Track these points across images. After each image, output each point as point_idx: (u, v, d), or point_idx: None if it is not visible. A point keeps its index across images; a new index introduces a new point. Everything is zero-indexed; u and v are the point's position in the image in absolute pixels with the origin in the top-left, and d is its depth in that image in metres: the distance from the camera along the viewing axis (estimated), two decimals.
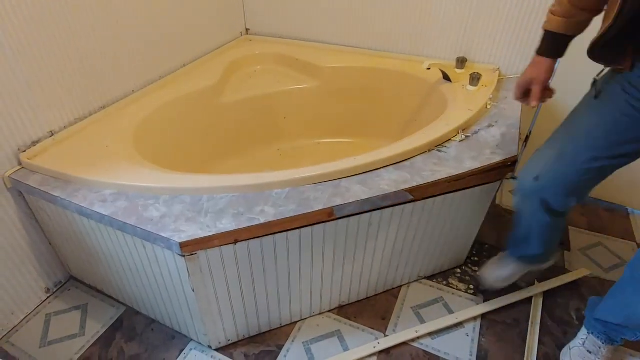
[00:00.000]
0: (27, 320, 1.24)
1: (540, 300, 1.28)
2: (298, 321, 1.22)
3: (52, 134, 1.17)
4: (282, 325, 1.21)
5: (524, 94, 0.96)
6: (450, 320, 1.21)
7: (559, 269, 1.37)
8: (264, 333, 1.19)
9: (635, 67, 0.82)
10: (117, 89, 1.34)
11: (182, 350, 1.15)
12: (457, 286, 1.32)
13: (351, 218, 1.00)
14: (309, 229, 0.97)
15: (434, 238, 1.21)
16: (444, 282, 1.34)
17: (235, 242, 0.91)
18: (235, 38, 1.84)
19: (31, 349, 1.17)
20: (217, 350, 1.15)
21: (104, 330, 1.21)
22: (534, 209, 0.98)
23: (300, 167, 1.03)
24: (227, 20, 1.77)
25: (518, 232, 1.10)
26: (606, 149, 0.84)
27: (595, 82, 0.90)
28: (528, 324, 1.21)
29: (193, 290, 0.96)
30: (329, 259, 1.08)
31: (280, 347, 1.16)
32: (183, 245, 0.87)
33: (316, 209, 0.94)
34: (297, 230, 0.96)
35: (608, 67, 0.87)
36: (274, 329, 1.20)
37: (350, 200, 0.96)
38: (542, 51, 0.91)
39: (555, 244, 1.17)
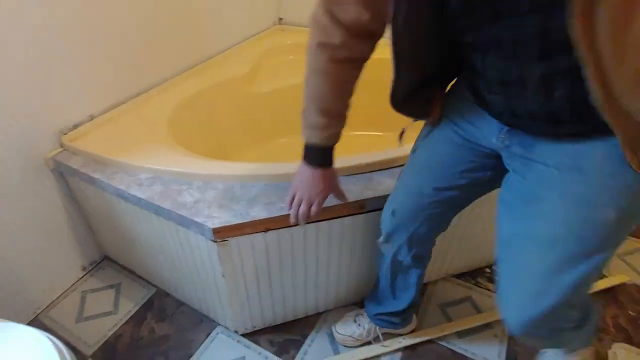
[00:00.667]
0: (64, 296, 1.29)
1: None
2: (323, 312, 1.23)
3: (92, 118, 1.21)
4: (308, 314, 1.22)
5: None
6: (478, 320, 1.18)
7: None
8: (289, 322, 1.20)
9: (454, 113, 0.74)
10: (153, 76, 1.37)
11: (209, 334, 1.18)
12: (485, 285, 1.30)
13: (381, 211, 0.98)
14: (339, 220, 0.97)
15: (465, 236, 1.19)
16: (472, 281, 1.31)
17: (266, 230, 0.92)
18: (267, 27, 1.84)
19: (68, 323, 1.22)
20: (243, 335, 1.17)
21: (135, 309, 1.25)
22: (395, 249, 0.90)
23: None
24: (260, 10, 1.77)
25: (379, 282, 1.02)
26: (447, 180, 0.78)
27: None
28: None
29: (223, 276, 0.98)
30: (357, 252, 1.07)
31: (305, 337, 1.17)
32: (216, 231, 0.88)
33: (348, 201, 0.93)
34: (327, 222, 0.96)
35: (416, 119, 0.79)
36: (299, 318, 1.21)
37: (383, 194, 0.95)
38: (307, 159, 0.79)
39: (415, 302, 1.04)
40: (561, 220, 0.60)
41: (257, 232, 0.92)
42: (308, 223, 0.86)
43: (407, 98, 0.70)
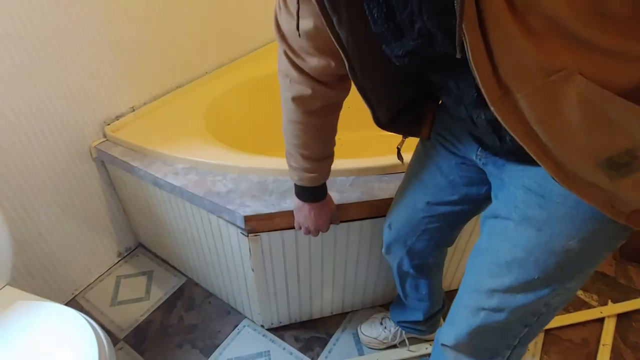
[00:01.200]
0: (100, 280, 1.34)
1: (614, 322, 1.17)
2: (349, 312, 1.22)
3: (133, 110, 1.25)
4: (334, 313, 1.21)
5: None
6: None
7: (635, 291, 1.25)
8: (315, 319, 1.20)
9: (440, 128, 0.72)
10: (192, 70, 1.39)
11: (236, 326, 1.19)
12: None
13: None
14: (371, 221, 0.95)
15: None
16: None
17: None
18: None
19: (103, 306, 1.26)
20: (268, 330, 1.18)
21: (166, 297, 1.29)
22: (397, 260, 0.88)
23: (361, 158, 1.01)
24: None
25: (398, 291, 1.00)
26: (439, 195, 0.75)
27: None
28: (598, 346, 1.12)
29: (252, 270, 0.99)
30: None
31: (330, 335, 1.16)
32: (247, 219, 0.89)
33: (380, 198, 0.92)
34: (359, 222, 0.95)
35: (406, 136, 0.76)
36: (325, 317, 1.21)
37: None
38: (301, 197, 0.82)
39: (434, 308, 1.02)
40: (521, 244, 0.57)
41: (288, 229, 0.92)
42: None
43: (392, 121, 0.68)
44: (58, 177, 1.12)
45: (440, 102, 0.73)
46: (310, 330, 1.17)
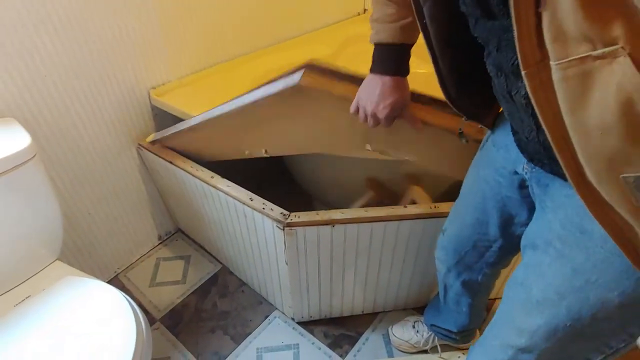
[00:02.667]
0: (141, 261, 1.40)
1: None
2: (380, 312, 1.21)
3: (178, 79, 1.26)
4: (364, 313, 1.20)
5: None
6: None
7: None
8: (345, 317, 1.19)
9: (497, 126, 0.62)
10: (237, 47, 1.39)
11: (267, 317, 1.21)
12: None
13: None
14: (408, 222, 0.93)
15: None
16: None
17: (334, 224, 0.91)
18: (352, 16, 1.82)
19: (142, 286, 1.32)
20: (299, 323, 1.18)
21: (201, 282, 1.32)
22: (445, 268, 0.83)
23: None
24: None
25: (437, 295, 0.94)
26: (486, 214, 0.67)
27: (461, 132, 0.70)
28: None
29: (286, 264, 0.99)
30: (422, 257, 1.03)
31: (359, 334, 1.15)
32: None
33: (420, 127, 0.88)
34: (396, 222, 0.93)
35: (469, 120, 0.64)
36: (355, 315, 1.20)
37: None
38: (375, 66, 0.70)
39: (471, 326, 0.96)
40: (555, 285, 0.50)
41: (324, 225, 0.91)
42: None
43: (460, 94, 0.60)
44: (107, 160, 1.17)
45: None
46: (340, 328, 1.17)
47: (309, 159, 1.20)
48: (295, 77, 0.75)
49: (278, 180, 1.45)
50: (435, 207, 0.93)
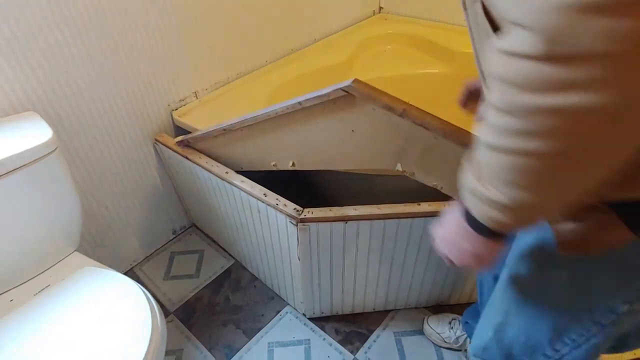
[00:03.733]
0: (156, 254, 1.43)
1: None
2: (392, 310, 1.21)
3: (196, 95, 1.30)
4: (376, 310, 1.20)
5: None
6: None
7: None
8: (356, 314, 1.20)
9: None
10: (253, 59, 1.42)
11: (278, 312, 1.22)
12: None
13: None
14: (422, 220, 0.93)
15: None
16: None
17: (346, 221, 0.92)
18: (368, 16, 1.82)
19: (157, 279, 1.34)
20: (310, 319, 1.19)
21: (214, 276, 1.34)
22: (481, 279, 0.83)
23: None
24: None
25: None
26: None
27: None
28: None
29: (299, 259, 1.00)
30: (436, 255, 1.03)
31: (370, 331, 1.15)
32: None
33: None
34: (409, 220, 0.93)
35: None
36: (367, 312, 1.20)
37: None
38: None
39: None
40: None
41: (337, 221, 0.92)
42: None
43: None
44: (124, 155, 1.20)
45: None
46: (351, 324, 1.17)
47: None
48: (347, 82, 0.76)
49: (292, 177, 1.46)
50: (449, 204, 0.93)
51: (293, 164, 0.98)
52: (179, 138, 1.16)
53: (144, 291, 0.87)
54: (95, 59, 1.02)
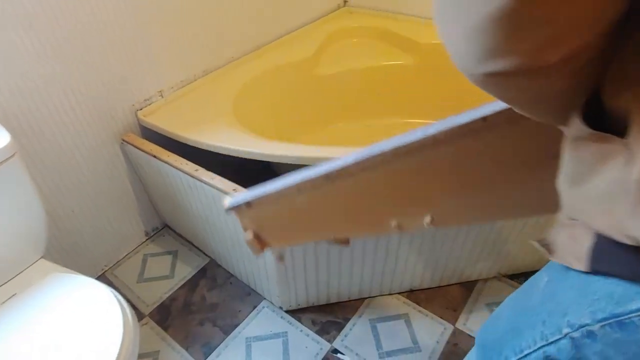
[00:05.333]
0: (128, 257, 1.40)
1: None
2: (367, 297, 1.23)
3: (162, 94, 1.28)
4: (351, 299, 1.22)
5: None
6: None
7: None
8: (332, 304, 1.22)
9: None
10: (218, 56, 1.41)
11: (255, 307, 1.22)
12: None
13: None
14: None
15: (516, 239, 1.12)
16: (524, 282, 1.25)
17: None
18: (333, 10, 1.83)
19: (130, 282, 1.32)
20: (287, 312, 1.20)
21: (190, 276, 1.33)
22: None
23: None
24: None
25: None
26: None
27: None
28: None
29: (272, 253, 1.01)
30: (406, 241, 1.06)
31: (346, 320, 1.18)
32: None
33: None
34: None
35: None
36: (342, 302, 1.22)
37: None
38: None
39: None
40: None
41: None
42: None
43: None
44: (90, 157, 1.17)
45: None
46: (328, 314, 1.19)
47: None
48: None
49: (265, 169, 1.46)
50: None
51: (432, 220, 0.63)
52: (231, 204, 0.70)
53: (115, 295, 0.86)
54: (54, 59, 0.99)
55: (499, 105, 0.50)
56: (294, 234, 0.73)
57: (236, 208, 0.68)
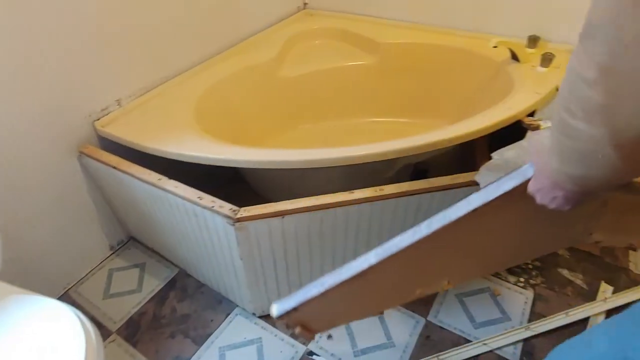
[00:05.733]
0: (92, 274, 1.35)
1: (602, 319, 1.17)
2: None
3: (119, 103, 1.24)
4: None
5: None
6: (496, 313, 1.16)
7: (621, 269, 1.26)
8: None
9: None
10: (178, 62, 1.38)
11: (228, 314, 1.20)
12: (505, 277, 1.27)
13: (400, 199, 0.97)
14: (355, 207, 0.96)
15: None
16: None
17: (283, 215, 0.93)
18: (293, 13, 1.83)
19: (95, 299, 1.27)
20: (260, 317, 1.19)
21: (158, 288, 1.30)
22: None
23: (353, 145, 1.01)
24: None
25: None
26: None
27: None
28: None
29: (241, 259, 1.00)
30: (375, 239, 1.07)
31: None
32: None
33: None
34: (345, 208, 0.95)
35: None
36: None
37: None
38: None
39: None
40: None
41: (274, 217, 0.93)
42: None
43: None
44: (46, 171, 1.12)
45: None
46: None
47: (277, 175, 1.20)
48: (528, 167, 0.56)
49: (233, 177, 1.44)
50: (380, 189, 0.96)
51: (448, 282, 0.76)
52: (280, 313, 0.77)
53: (77, 314, 0.82)
54: (2, 69, 0.95)
55: (485, 195, 0.59)
56: (335, 319, 0.86)
57: (285, 315, 0.76)
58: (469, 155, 1.26)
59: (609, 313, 1.15)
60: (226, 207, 0.94)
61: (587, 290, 1.21)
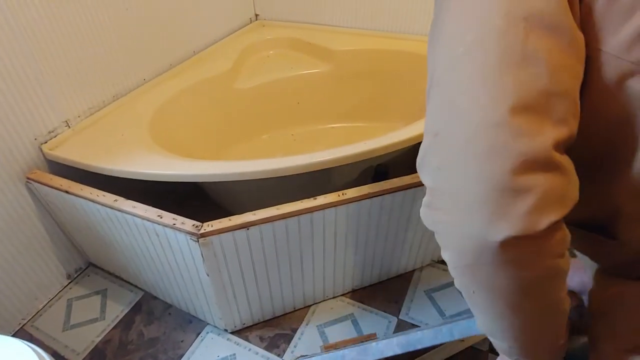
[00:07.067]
0: (49, 305, 1.28)
1: None
2: (312, 305, 1.23)
3: (68, 124, 1.19)
4: (296, 309, 1.22)
5: None
6: (464, 304, 1.20)
7: None
8: (278, 317, 1.20)
9: None
10: (129, 79, 1.35)
11: (199, 334, 1.17)
12: None
13: (362, 202, 0.99)
14: (320, 212, 0.97)
15: None
16: None
17: (248, 227, 0.92)
18: (245, 24, 1.83)
19: (55, 332, 1.20)
20: (232, 333, 1.17)
21: (123, 314, 1.24)
22: None
23: (314, 152, 1.02)
24: (236, 6, 1.75)
25: None
26: None
27: None
28: None
29: (207, 275, 0.98)
30: (342, 243, 1.08)
31: (294, 330, 1.17)
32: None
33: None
34: (308, 214, 0.96)
35: None
36: (288, 313, 1.21)
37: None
38: None
39: None
40: None
41: (239, 229, 0.92)
42: None
43: None
44: None
45: None
46: (275, 328, 1.18)
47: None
48: None
49: (194, 193, 1.41)
50: (343, 194, 0.98)
51: None
52: None
53: (34, 349, 0.77)
54: None
55: None
56: None
57: None
58: None
59: None
60: (188, 223, 0.92)
61: None
